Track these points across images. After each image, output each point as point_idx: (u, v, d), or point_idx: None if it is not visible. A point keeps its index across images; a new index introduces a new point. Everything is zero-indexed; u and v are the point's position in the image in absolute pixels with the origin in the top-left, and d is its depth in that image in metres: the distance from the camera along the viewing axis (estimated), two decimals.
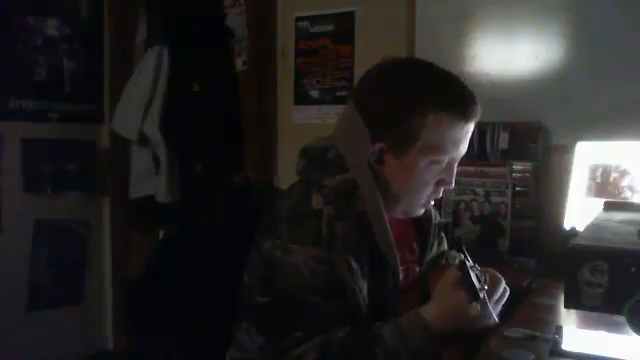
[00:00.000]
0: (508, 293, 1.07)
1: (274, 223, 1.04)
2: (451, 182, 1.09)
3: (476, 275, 1.00)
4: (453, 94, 1.03)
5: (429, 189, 1.08)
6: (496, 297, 1.04)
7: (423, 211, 1.14)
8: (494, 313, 1.01)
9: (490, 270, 1.07)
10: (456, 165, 1.09)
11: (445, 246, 1.34)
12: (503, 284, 1.06)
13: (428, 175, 1.05)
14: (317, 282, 0.96)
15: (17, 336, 2.53)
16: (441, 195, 1.13)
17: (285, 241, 0.99)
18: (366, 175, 1.03)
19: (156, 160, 2.48)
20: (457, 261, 1.05)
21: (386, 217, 1.04)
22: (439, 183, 1.08)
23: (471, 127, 1.05)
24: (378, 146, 1.03)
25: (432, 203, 1.15)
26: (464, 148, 1.07)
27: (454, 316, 0.98)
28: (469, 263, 1.00)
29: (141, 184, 2.54)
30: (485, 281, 1.01)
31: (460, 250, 1.10)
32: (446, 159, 1.05)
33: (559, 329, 1.07)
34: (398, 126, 1.01)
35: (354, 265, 0.99)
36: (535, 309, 1.30)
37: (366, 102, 1.06)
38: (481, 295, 0.97)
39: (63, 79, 2.71)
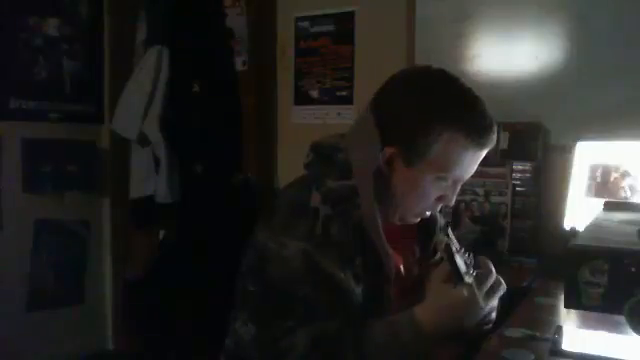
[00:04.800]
0: (504, 287, 1.04)
1: (272, 214, 1.05)
2: (451, 201, 1.10)
3: (464, 261, 0.99)
4: (473, 119, 1.03)
5: (428, 202, 1.09)
6: (486, 287, 1.01)
7: (417, 220, 1.15)
8: (480, 298, 0.99)
9: (481, 259, 1.05)
10: (460, 185, 1.10)
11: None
12: (493, 274, 1.04)
13: (431, 189, 1.06)
14: (308, 275, 0.96)
15: (17, 336, 2.52)
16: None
17: (279, 234, 1.00)
18: (368, 183, 1.03)
19: (156, 160, 2.47)
20: (443, 245, 1.05)
21: (381, 225, 1.04)
22: (439, 199, 1.09)
23: (483, 153, 1.06)
24: (390, 151, 1.03)
25: (427, 214, 1.15)
26: (472, 171, 1.08)
27: (448, 313, 0.98)
28: (455, 247, 1.00)
29: (141, 184, 2.54)
30: (471, 264, 1.01)
31: (446, 234, 1.09)
32: (452, 177, 1.06)
33: (559, 329, 1.08)
34: (413, 138, 1.02)
35: (346, 265, 0.99)
36: (535, 309, 1.30)
37: (385, 107, 1.06)
38: (467, 279, 0.97)
39: (63, 79, 2.71)
